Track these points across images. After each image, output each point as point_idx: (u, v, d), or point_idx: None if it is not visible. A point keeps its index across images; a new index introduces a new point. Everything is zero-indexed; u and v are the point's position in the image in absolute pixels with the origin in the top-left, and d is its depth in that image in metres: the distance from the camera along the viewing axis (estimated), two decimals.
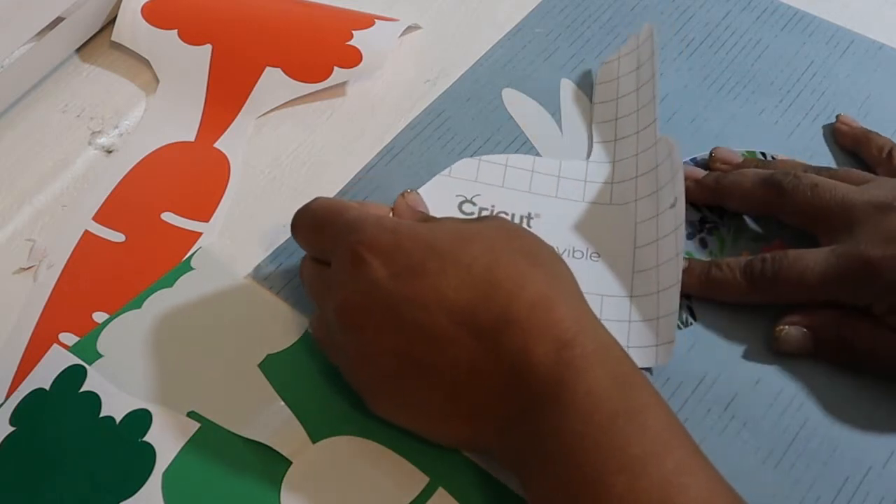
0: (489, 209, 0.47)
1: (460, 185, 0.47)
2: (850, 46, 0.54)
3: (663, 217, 0.44)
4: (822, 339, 0.42)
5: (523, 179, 0.48)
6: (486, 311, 0.35)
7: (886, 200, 0.42)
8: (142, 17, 0.55)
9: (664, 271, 0.43)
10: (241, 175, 0.49)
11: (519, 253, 0.37)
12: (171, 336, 0.43)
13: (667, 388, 0.42)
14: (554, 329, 0.35)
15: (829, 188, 0.43)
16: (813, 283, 0.41)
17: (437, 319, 0.35)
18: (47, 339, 0.43)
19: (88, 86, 0.53)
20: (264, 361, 0.42)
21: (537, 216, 0.46)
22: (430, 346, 0.36)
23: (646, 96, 0.49)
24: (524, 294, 0.35)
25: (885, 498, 0.39)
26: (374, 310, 0.36)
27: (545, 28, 0.56)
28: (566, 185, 0.48)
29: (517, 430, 0.35)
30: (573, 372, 0.34)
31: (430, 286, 0.36)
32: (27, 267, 0.46)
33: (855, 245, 0.41)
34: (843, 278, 0.41)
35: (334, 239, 0.39)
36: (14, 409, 0.40)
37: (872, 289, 0.41)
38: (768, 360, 0.42)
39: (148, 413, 0.40)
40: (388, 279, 0.36)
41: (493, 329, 0.35)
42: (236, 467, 0.39)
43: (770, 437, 0.40)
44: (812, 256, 0.42)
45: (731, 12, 0.56)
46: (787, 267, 0.42)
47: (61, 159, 0.50)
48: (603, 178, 0.48)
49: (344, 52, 0.53)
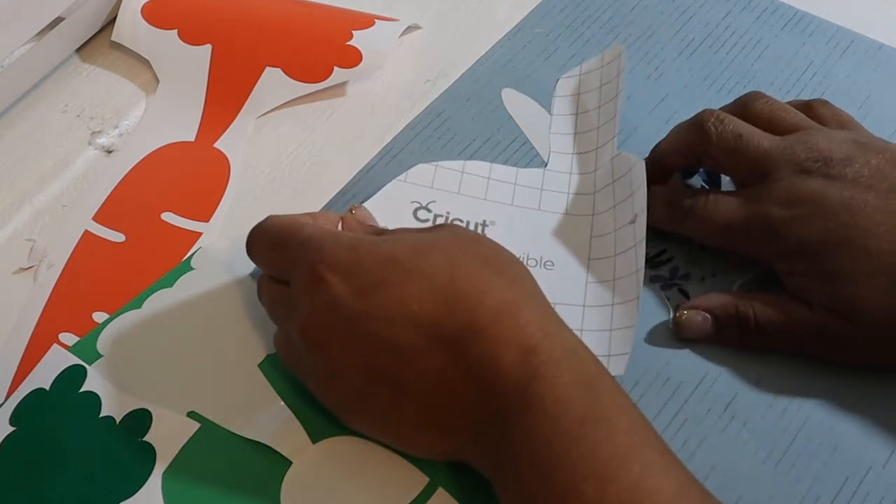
0: (444, 216, 0.46)
1: (416, 190, 0.47)
2: (850, 46, 0.54)
3: (621, 233, 0.44)
4: (721, 320, 0.42)
5: (479, 186, 0.48)
6: (450, 320, 0.35)
7: (805, 164, 0.41)
8: (142, 17, 0.55)
9: (621, 286, 0.43)
10: (241, 175, 0.49)
11: (480, 260, 0.37)
12: (171, 336, 0.43)
13: (667, 388, 0.42)
14: (519, 335, 0.35)
15: (751, 138, 0.43)
16: (718, 228, 0.43)
17: (402, 333, 0.35)
18: (47, 339, 0.43)
19: (88, 86, 0.53)
20: (264, 361, 0.42)
21: (492, 223, 0.46)
22: (396, 359, 0.36)
23: (607, 114, 0.49)
24: (487, 301, 0.35)
25: (885, 498, 0.39)
26: (337, 328, 0.36)
27: (545, 28, 0.56)
28: (522, 193, 0.48)
29: (489, 438, 0.35)
30: (540, 379, 0.34)
31: (393, 300, 0.36)
32: (27, 267, 0.46)
33: (764, 201, 0.41)
34: (746, 231, 0.42)
35: (293, 259, 0.38)
36: (14, 409, 0.40)
37: (772, 247, 0.41)
38: (768, 360, 0.42)
39: (148, 413, 0.40)
40: (349, 296, 0.36)
41: (459, 338, 0.35)
42: (236, 467, 0.39)
43: (770, 437, 0.40)
44: (724, 203, 0.43)
45: (731, 12, 0.56)
46: (701, 207, 0.43)
47: (61, 159, 0.50)
48: (559, 187, 0.48)
49: (344, 52, 0.53)
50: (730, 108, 0.46)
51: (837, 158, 0.41)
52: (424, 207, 0.47)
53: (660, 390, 0.42)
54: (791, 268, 0.41)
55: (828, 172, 0.41)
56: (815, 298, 0.41)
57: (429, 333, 0.35)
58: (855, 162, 0.41)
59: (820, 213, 0.40)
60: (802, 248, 0.40)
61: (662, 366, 0.42)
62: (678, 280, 0.45)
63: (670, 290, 0.45)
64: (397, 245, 0.37)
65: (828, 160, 0.41)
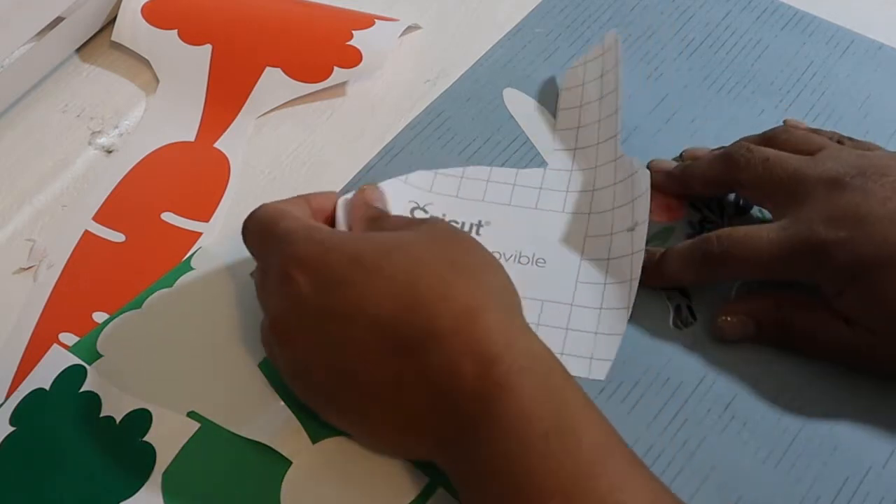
0: (441, 217, 0.46)
1: (415, 192, 0.47)
2: (850, 46, 0.54)
3: (618, 238, 0.44)
4: (763, 323, 0.42)
5: (478, 189, 0.48)
6: (408, 325, 0.34)
7: (837, 176, 0.41)
8: (142, 17, 0.55)
9: (612, 291, 0.43)
10: (241, 175, 0.49)
11: (445, 262, 0.36)
12: (171, 336, 0.43)
13: (667, 388, 0.42)
14: (479, 344, 0.34)
15: (780, 162, 0.42)
16: (762, 261, 0.41)
17: (360, 333, 0.35)
18: (47, 339, 0.43)
19: (88, 86, 0.53)
20: (264, 361, 0.42)
21: (488, 223, 0.46)
22: (357, 359, 0.35)
23: (608, 107, 0.49)
24: (448, 307, 0.34)
25: (885, 498, 0.39)
26: (301, 325, 0.36)
27: (545, 28, 0.56)
28: (520, 193, 0.48)
29: (454, 448, 0.34)
30: (502, 390, 0.33)
31: (354, 299, 0.35)
32: (27, 267, 0.46)
33: (805, 224, 0.40)
34: (791, 258, 0.40)
35: (270, 252, 0.39)
36: (14, 409, 0.40)
37: (821, 270, 0.40)
38: (768, 360, 0.42)
39: (148, 413, 0.40)
40: (313, 294, 0.36)
41: (418, 345, 0.34)
42: (236, 467, 0.39)
43: (770, 437, 0.40)
44: (763, 235, 0.41)
45: (731, 12, 0.56)
46: (738, 247, 0.41)
47: (61, 159, 0.50)
48: (559, 186, 0.48)
49: (344, 52, 0.53)
50: (756, 138, 0.46)
51: (872, 169, 0.40)
52: (421, 208, 0.47)
53: (660, 390, 0.42)
54: (840, 289, 0.40)
55: (864, 184, 0.40)
56: (864, 319, 0.40)
57: (386, 336, 0.35)
58: (891, 172, 0.40)
59: (867, 232, 0.39)
60: (854, 270, 0.39)
61: (662, 366, 0.42)
62: None
63: (670, 289, 0.45)
64: (366, 244, 0.37)
65: (862, 171, 0.40)
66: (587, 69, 0.51)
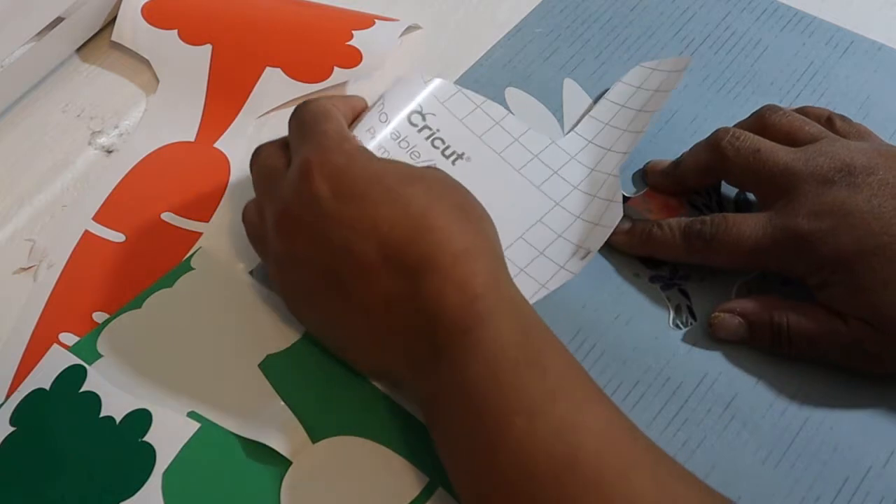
0: (432, 130, 0.47)
1: (427, 97, 0.48)
2: (850, 47, 0.55)
3: (561, 244, 0.45)
4: (755, 325, 0.42)
5: (483, 125, 0.48)
6: (412, 251, 0.37)
7: (828, 174, 0.41)
8: (142, 17, 0.55)
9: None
10: (241, 175, 0.49)
11: (455, 204, 0.38)
12: (171, 336, 0.43)
13: (667, 388, 0.42)
14: (469, 281, 0.36)
15: (771, 155, 0.43)
16: (747, 250, 0.42)
17: (366, 248, 0.37)
18: (47, 339, 0.43)
19: (88, 86, 0.53)
20: (264, 361, 0.42)
21: (468, 159, 0.47)
22: (353, 271, 0.37)
23: (639, 124, 0.48)
24: (451, 242, 0.37)
25: (885, 498, 0.39)
26: (310, 224, 0.38)
27: (545, 28, 0.56)
28: (514, 149, 0.48)
29: (426, 369, 0.37)
30: (481, 322, 0.35)
31: (367, 215, 0.37)
32: (27, 267, 0.46)
33: (791, 216, 0.41)
34: (776, 249, 0.41)
35: (303, 145, 0.40)
36: (14, 409, 0.40)
37: (805, 261, 0.41)
38: (768, 360, 0.42)
39: (148, 413, 0.40)
40: (330, 200, 0.38)
41: (415, 271, 0.36)
42: (236, 467, 0.39)
43: (770, 437, 0.40)
44: (750, 223, 0.42)
45: (731, 13, 0.56)
46: (724, 231, 0.42)
47: (61, 159, 0.50)
48: (551, 163, 0.48)
49: (344, 52, 0.53)
50: (745, 122, 0.46)
51: (860, 167, 0.41)
52: (421, 114, 0.47)
53: (660, 390, 0.42)
54: (824, 280, 0.41)
55: (852, 182, 0.41)
56: (849, 310, 0.40)
57: (389, 256, 0.37)
58: (878, 170, 0.41)
59: (850, 223, 0.40)
60: (836, 260, 0.40)
61: (662, 366, 0.42)
62: (678, 280, 0.45)
63: (670, 289, 0.45)
64: (388, 167, 0.39)
65: (850, 169, 0.41)
66: (651, 76, 0.51)
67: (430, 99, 0.48)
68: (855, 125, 0.45)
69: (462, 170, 0.47)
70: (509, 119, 0.49)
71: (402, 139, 0.47)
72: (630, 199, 0.48)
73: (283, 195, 0.39)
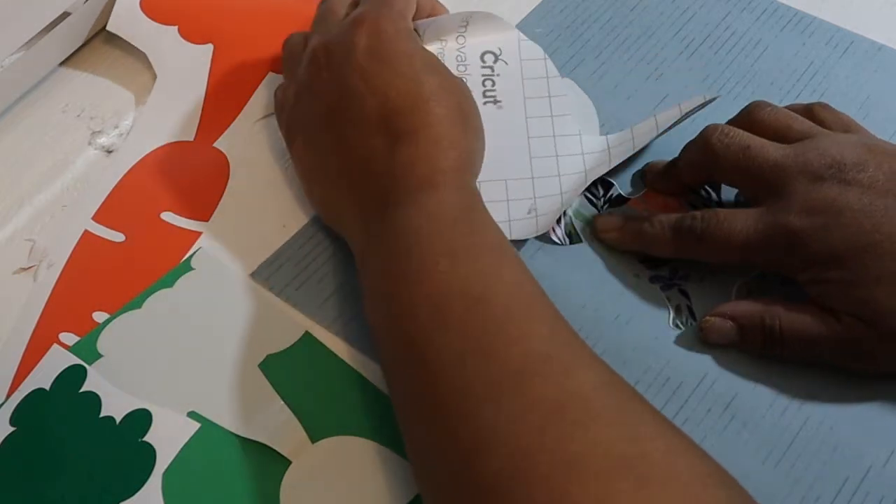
0: (493, 73, 0.49)
1: (510, 45, 0.50)
2: (850, 47, 0.54)
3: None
4: (746, 328, 0.42)
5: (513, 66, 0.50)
6: (405, 120, 0.41)
7: (818, 171, 0.41)
8: (140, 10, 0.54)
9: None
10: (241, 175, 0.49)
11: (459, 109, 0.42)
12: (171, 336, 0.43)
13: (667, 388, 0.42)
14: (440, 162, 0.40)
15: (761, 152, 0.43)
16: (737, 246, 0.42)
17: (371, 102, 0.42)
18: (47, 339, 0.43)
19: (88, 86, 0.53)
20: (264, 361, 0.42)
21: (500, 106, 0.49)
22: (353, 118, 0.42)
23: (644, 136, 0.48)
24: (437, 129, 0.41)
25: (885, 498, 0.39)
26: (338, 64, 0.43)
27: (545, 28, 0.56)
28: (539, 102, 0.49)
29: (371, 221, 0.41)
30: (435, 189, 0.40)
31: (385, 78, 0.42)
32: (27, 267, 0.46)
33: (782, 213, 0.41)
34: (767, 245, 0.41)
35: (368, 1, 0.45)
36: (14, 409, 0.40)
37: (796, 258, 0.41)
38: (768, 360, 0.42)
39: (148, 413, 0.40)
40: (363, 51, 0.43)
41: (399, 136, 0.41)
42: (236, 467, 0.39)
43: (770, 437, 0.40)
44: (741, 219, 0.42)
45: (731, 13, 0.56)
46: (715, 227, 0.42)
47: (61, 159, 0.50)
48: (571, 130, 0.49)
49: None
50: (735, 119, 0.46)
51: (850, 163, 0.41)
52: (496, 56, 0.50)
53: (660, 390, 0.42)
54: (816, 277, 0.41)
55: (843, 178, 0.41)
56: (841, 307, 0.40)
57: (385, 117, 0.41)
58: (868, 166, 0.41)
59: (842, 220, 0.40)
60: (827, 257, 0.40)
61: (662, 366, 0.42)
62: (678, 280, 0.45)
63: (670, 290, 0.45)
64: (424, 55, 0.43)
65: (841, 165, 0.41)
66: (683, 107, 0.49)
67: (512, 50, 0.50)
68: (838, 114, 0.45)
69: (489, 112, 0.48)
70: (561, 101, 0.50)
71: (464, 64, 0.49)
72: (630, 200, 0.48)
73: (331, 31, 0.45)
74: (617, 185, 0.48)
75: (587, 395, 0.34)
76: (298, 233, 0.46)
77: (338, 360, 0.42)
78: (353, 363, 0.42)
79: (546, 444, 0.32)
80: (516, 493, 0.31)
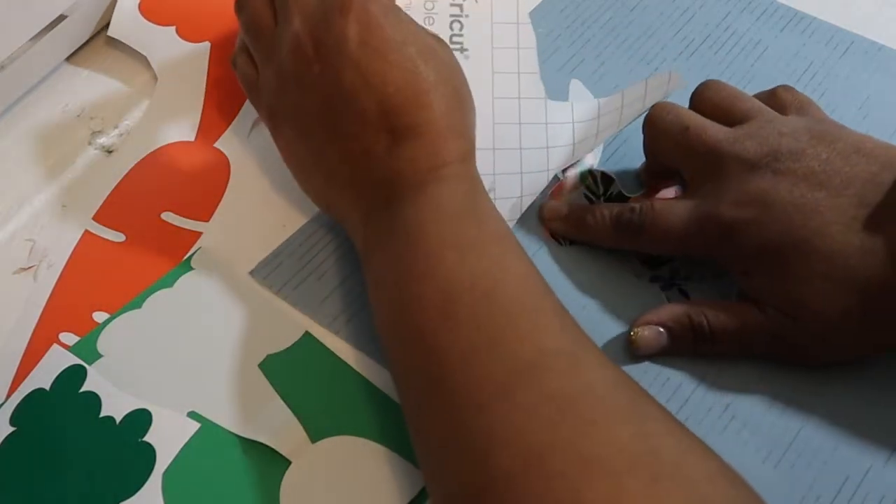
0: (462, 14, 0.49)
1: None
2: (849, 47, 0.55)
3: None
4: (675, 331, 0.42)
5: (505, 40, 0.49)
6: (405, 118, 0.40)
7: (753, 159, 0.41)
8: (139, 13, 0.55)
9: None
10: (241, 175, 0.49)
11: (455, 91, 0.41)
12: (171, 336, 0.43)
13: (667, 388, 0.42)
14: (443, 154, 0.40)
15: (699, 131, 0.42)
16: (675, 238, 0.42)
17: (369, 99, 0.40)
18: (47, 339, 0.43)
19: (88, 86, 0.53)
20: (264, 361, 0.42)
21: (466, 56, 0.48)
22: (350, 115, 0.40)
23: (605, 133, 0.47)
24: (439, 123, 0.40)
25: (885, 498, 0.39)
26: (331, 55, 0.40)
27: (545, 28, 0.56)
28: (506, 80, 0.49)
29: (375, 215, 0.40)
30: (439, 182, 0.39)
31: (382, 73, 0.40)
32: (27, 267, 0.46)
33: (715, 203, 0.41)
34: (702, 237, 0.41)
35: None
36: (14, 409, 0.40)
37: (727, 249, 0.41)
38: (768, 360, 0.42)
39: (148, 413, 0.40)
40: (356, 43, 0.40)
41: (401, 134, 0.40)
42: (236, 467, 0.39)
43: (770, 437, 0.40)
44: (677, 211, 0.42)
45: (731, 13, 0.56)
46: (652, 221, 0.42)
47: (61, 159, 0.50)
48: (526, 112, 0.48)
49: None
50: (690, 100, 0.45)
51: (786, 152, 0.40)
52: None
53: (660, 390, 0.42)
54: (746, 269, 0.41)
55: (777, 168, 0.40)
56: (768, 301, 0.40)
57: (385, 113, 0.40)
58: (804, 156, 0.40)
59: (772, 214, 0.40)
60: (757, 251, 0.40)
61: (662, 366, 0.42)
62: (678, 280, 0.45)
63: (670, 290, 0.45)
64: (415, 36, 0.41)
65: (777, 154, 0.40)
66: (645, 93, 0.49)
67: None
68: (798, 95, 0.44)
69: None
70: (529, 54, 0.49)
71: (432, 1, 0.48)
72: (630, 200, 0.48)
73: (314, 16, 0.41)
74: (618, 182, 0.48)
75: (599, 391, 0.34)
76: (297, 231, 0.46)
77: (337, 359, 0.42)
78: (353, 363, 0.42)
79: (559, 441, 0.32)
80: (530, 489, 0.31)
